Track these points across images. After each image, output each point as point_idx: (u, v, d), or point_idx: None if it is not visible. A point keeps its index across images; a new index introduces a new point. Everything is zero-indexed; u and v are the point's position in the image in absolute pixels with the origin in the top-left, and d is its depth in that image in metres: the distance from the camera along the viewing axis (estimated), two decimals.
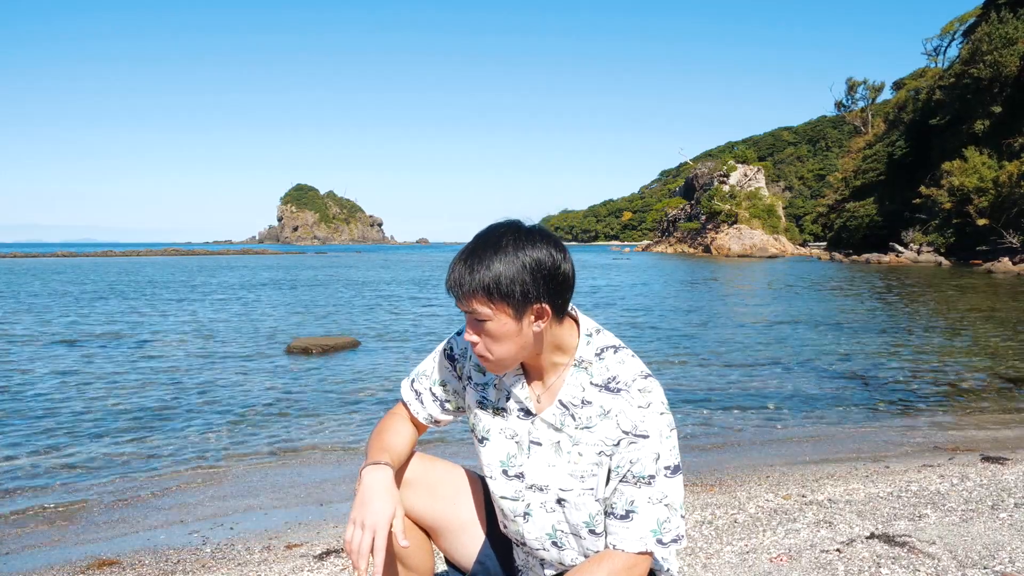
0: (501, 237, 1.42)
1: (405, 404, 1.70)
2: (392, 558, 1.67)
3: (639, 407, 1.46)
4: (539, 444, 1.54)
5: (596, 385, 1.50)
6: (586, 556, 1.56)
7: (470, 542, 1.72)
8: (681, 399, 6.74)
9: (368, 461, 1.53)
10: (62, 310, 16.25)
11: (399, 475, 1.64)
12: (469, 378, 1.64)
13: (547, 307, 1.43)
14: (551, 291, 1.42)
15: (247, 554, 3.20)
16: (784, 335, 11.52)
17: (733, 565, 2.70)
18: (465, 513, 1.72)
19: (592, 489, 1.49)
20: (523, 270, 1.39)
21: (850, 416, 6.16)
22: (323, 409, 6.46)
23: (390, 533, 1.44)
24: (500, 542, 1.73)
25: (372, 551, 1.40)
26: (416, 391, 1.69)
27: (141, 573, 3.05)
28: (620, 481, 1.47)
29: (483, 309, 1.40)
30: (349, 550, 1.40)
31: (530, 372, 1.56)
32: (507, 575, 1.73)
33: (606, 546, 1.51)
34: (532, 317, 1.43)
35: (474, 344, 1.46)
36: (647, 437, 1.45)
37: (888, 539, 2.89)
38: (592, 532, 1.52)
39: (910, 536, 2.93)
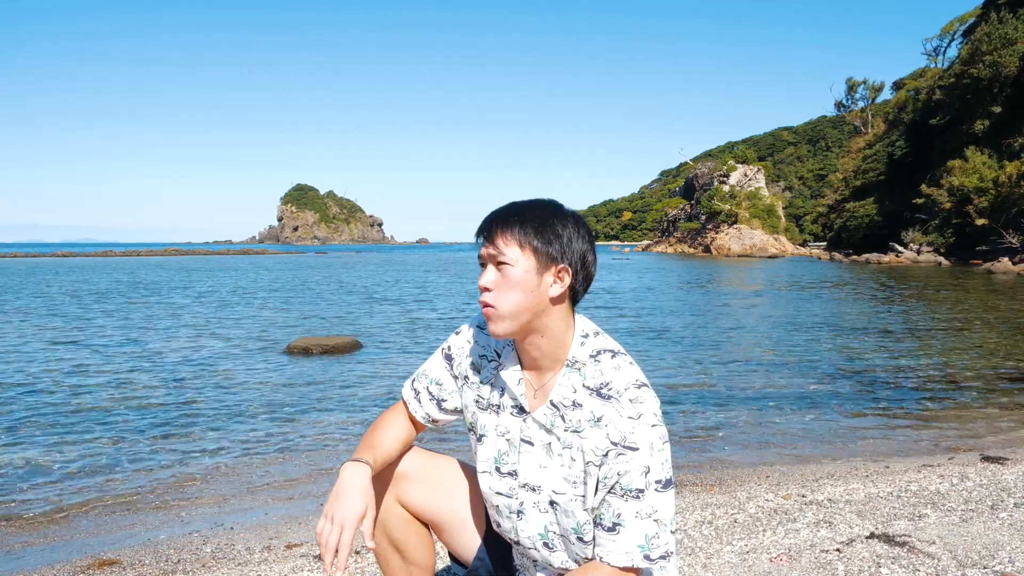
0: (553, 201, 1.50)
1: (405, 403, 1.72)
2: (393, 552, 1.69)
3: (629, 418, 1.41)
4: (530, 443, 1.53)
5: (588, 388, 1.47)
6: (576, 561, 1.54)
7: (471, 536, 1.73)
8: (681, 399, 6.75)
9: (352, 456, 1.55)
10: (61, 311, 16.25)
11: (389, 470, 1.66)
12: (465, 377, 1.64)
13: (569, 272, 1.44)
14: (577, 264, 1.46)
15: (247, 554, 3.20)
16: (783, 335, 11.52)
17: (733, 565, 2.70)
18: (464, 508, 1.72)
19: (583, 497, 1.47)
20: (567, 226, 1.46)
21: (850, 416, 6.16)
22: (323, 409, 6.46)
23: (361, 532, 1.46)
24: (498, 538, 1.73)
25: (339, 546, 1.42)
26: (416, 390, 1.70)
27: (141, 573, 3.05)
28: (608, 492, 1.43)
29: (509, 251, 1.42)
30: (319, 543, 1.43)
31: (526, 368, 1.55)
32: (505, 572, 1.74)
33: (594, 555, 1.48)
34: (553, 277, 1.44)
35: (485, 290, 1.44)
36: (636, 449, 1.40)
37: (888, 539, 2.89)
38: (580, 539, 1.50)
39: (910, 536, 2.93)
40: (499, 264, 1.43)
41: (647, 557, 1.42)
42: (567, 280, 1.44)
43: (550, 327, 1.47)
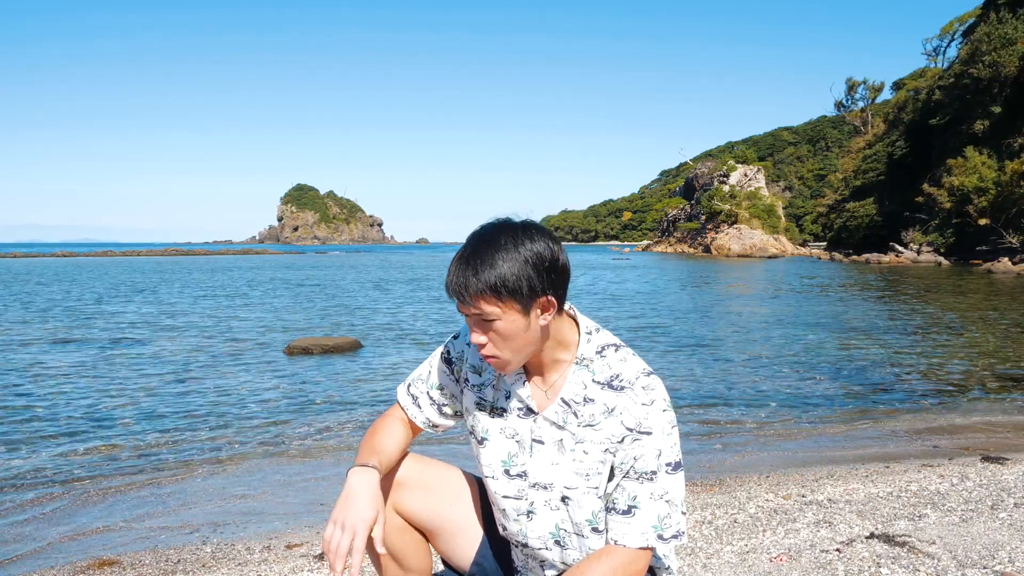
0: (498, 235, 1.41)
1: (403, 408, 1.70)
2: (390, 560, 1.67)
3: (643, 404, 1.47)
4: (541, 442, 1.54)
5: (598, 383, 1.50)
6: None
7: (467, 543, 1.72)
8: (682, 399, 6.74)
9: (356, 463, 1.53)
10: (61, 311, 16.24)
11: (389, 477, 1.64)
12: (466, 380, 1.64)
13: (552, 299, 1.43)
14: (554, 283, 1.42)
15: (247, 554, 3.20)
16: (784, 335, 11.52)
17: (733, 565, 2.70)
18: (462, 514, 1.72)
19: (596, 488, 1.50)
20: (526, 265, 1.38)
21: (850, 416, 6.16)
22: (323, 409, 6.46)
23: (370, 538, 1.43)
24: (498, 543, 1.72)
25: (350, 553, 1.39)
26: (413, 396, 1.69)
27: (141, 573, 3.05)
28: (623, 477, 1.48)
29: (491, 309, 1.39)
30: (327, 550, 1.39)
31: (531, 371, 1.56)
32: (507, 574, 1.73)
33: (607, 542, 1.52)
34: (539, 311, 1.43)
35: (482, 346, 1.44)
36: (650, 434, 1.46)
37: (888, 539, 2.89)
38: (595, 530, 1.53)
39: (910, 536, 2.93)
40: (485, 322, 1.42)
41: (660, 537, 1.47)
42: (552, 306, 1.44)
43: (554, 336, 1.50)
